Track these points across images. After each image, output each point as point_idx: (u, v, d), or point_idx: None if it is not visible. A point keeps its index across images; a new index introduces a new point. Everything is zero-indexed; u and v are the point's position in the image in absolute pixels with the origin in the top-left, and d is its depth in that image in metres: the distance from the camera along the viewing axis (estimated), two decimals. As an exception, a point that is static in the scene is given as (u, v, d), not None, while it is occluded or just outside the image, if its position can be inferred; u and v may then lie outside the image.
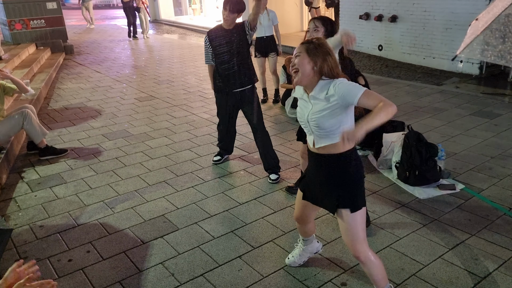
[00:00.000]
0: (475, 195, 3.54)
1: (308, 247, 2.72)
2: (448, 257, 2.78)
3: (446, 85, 7.01)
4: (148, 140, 5.03)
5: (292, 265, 2.75)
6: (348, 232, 2.17)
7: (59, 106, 6.55)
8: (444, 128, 5.07)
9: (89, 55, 10.83)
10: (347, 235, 2.19)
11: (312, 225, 2.62)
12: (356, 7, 9.34)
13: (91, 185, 3.96)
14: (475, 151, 4.38)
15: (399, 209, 3.38)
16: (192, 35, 14.45)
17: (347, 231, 2.18)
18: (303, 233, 2.65)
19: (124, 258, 2.91)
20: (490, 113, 5.52)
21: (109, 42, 13.03)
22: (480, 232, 3.04)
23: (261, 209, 3.46)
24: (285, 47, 10.60)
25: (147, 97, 6.87)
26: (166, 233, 3.18)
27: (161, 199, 3.67)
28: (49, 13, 10.71)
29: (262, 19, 6.12)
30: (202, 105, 6.32)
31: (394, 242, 2.97)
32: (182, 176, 4.10)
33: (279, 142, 4.84)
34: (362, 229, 2.17)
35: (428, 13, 7.98)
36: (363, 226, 2.17)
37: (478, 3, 7.11)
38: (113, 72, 8.78)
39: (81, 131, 5.39)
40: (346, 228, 2.17)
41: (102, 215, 3.46)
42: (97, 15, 21.57)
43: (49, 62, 9.42)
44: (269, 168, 3.97)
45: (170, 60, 10.02)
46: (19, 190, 3.91)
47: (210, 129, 5.32)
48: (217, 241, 3.06)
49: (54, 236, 3.18)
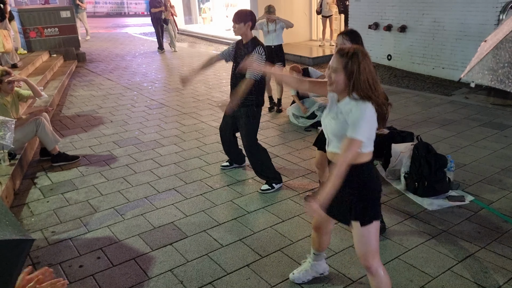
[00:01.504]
0: (485, 207, 3.53)
1: (316, 264, 2.67)
2: (457, 270, 2.77)
3: (455, 96, 6.99)
4: (158, 148, 5.08)
5: (296, 281, 2.70)
6: (360, 243, 2.18)
7: (71, 113, 6.65)
8: (454, 139, 5.06)
9: (100, 63, 11.00)
10: (358, 246, 2.20)
11: (328, 238, 2.58)
12: (365, 17, 9.38)
13: (102, 192, 4.02)
14: (485, 163, 4.36)
15: (407, 220, 3.38)
16: (202, 44, 14.59)
17: (358, 243, 2.19)
18: (317, 245, 2.59)
19: (134, 264, 2.95)
20: (500, 124, 5.49)
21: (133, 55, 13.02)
22: (489, 244, 3.03)
23: (269, 218, 3.48)
24: (294, 56, 10.67)
25: (157, 105, 6.95)
26: (175, 240, 3.21)
27: (170, 207, 3.71)
28: (63, 21, 10.92)
29: (270, 28, 6.18)
30: (211, 113, 6.38)
31: (403, 253, 2.96)
32: (191, 183, 4.14)
33: (287, 151, 4.86)
34: (374, 242, 2.16)
35: (437, 23, 7.99)
36: (375, 239, 2.16)
37: (488, 14, 7.11)
38: (124, 80, 8.90)
39: (93, 138, 5.48)
40: (358, 239, 2.19)
41: (112, 221, 3.50)
42: (109, 23, 21.91)
43: (62, 69, 9.58)
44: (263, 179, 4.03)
45: (180, 68, 10.13)
46: (31, 196, 3.98)
47: (219, 137, 5.31)
48: (226, 249, 3.08)
49: (66, 242, 3.23)
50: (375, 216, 2.15)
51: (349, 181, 2.10)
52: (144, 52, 12.75)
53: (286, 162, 4.56)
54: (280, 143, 5.13)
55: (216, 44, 14.24)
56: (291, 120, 5.88)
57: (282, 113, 6.32)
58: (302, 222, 3.39)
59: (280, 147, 5.00)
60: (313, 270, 2.69)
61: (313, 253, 2.65)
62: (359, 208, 2.14)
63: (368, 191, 2.15)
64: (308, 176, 4.22)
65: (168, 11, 11.97)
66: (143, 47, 13.77)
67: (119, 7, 27.81)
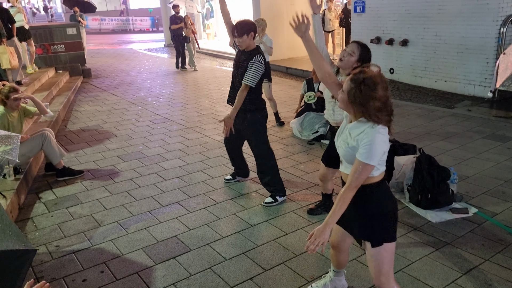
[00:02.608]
0: (489, 219, 3.51)
1: (336, 280, 2.66)
2: (461, 282, 2.75)
3: (458, 108, 7.01)
4: (161, 162, 5.12)
5: None
6: (371, 263, 2.18)
7: (76, 128, 6.72)
8: (456, 151, 5.06)
9: (106, 78, 11.14)
10: (370, 265, 2.20)
11: (346, 255, 2.56)
12: (367, 32, 9.48)
13: (106, 206, 4.04)
14: (488, 175, 4.35)
15: (411, 233, 3.37)
16: (206, 59, 14.75)
17: (370, 262, 2.18)
18: (335, 262, 2.58)
19: (137, 278, 2.95)
20: (503, 136, 5.49)
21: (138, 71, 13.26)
22: (494, 257, 3.01)
23: (272, 231, 3.48)
24: (297, 70, 10.77)
25: (161, 120, 7.01)
26: (178, 254, 3.22)
27: (173, 220, 3.72)
28: (69, 38, 11.12)
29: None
30: (215, 127, 6.42)
31: (406, 266, 2.95)
32: (195, 197, 4.16)
33: (291, 164, 4.88)
34: (387, 263, 2.12)
35: (439, 37, 8.06)
36: (388, 260, 2.13)
37: (488, 28, 7.17)
38: (129, 95, 9.00)
39: (97, 153, 5.52)
40: (369, 259, 2.18)
41: (116, 235, 3.52)
42: (114, 40, 22.23)
43: (68, 85, 9.71)
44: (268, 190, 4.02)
45: (184, 83, 10.24)
46: (36, 210, 4.01)
47: (222, 151, 5.39)
48: (229, 263, 3.08)
49: (69, 256, 3.25)
50: (387, 238, 2.10)
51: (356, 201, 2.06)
52: (151, 68, 12.90)
53: (289, 175, 4.57)
54: (284, 156, 5.15)
55: (220, 59, 14.40)
56: (295, 134, 5.91)
57: (285, 126, 6.36)
58: (306, 235, 3.38)
59: (284, 160, 5.01)
60: (332, 285, 2.67)
61: (333, 270, 2.65)
62: (367, 229, 2.13)
63: (376, 212, 2.11)
64: (311, 189, 4.23)
65: (189, 28, 11.63)
66: (148, 62, 13.94)
67: (124, 24, 28.27)
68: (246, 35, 3.62)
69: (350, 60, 3.00)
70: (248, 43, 3.67)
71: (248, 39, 3.64)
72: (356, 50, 3.00)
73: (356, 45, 3.03)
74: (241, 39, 3.64)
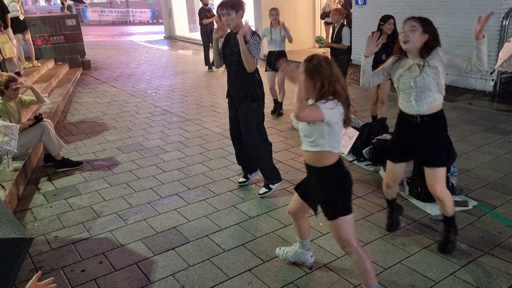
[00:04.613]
0: (488, 212, 3.50)
1: (300, 253, 2.83)
2: (460, 275, 2.75)
3: (459, 102, 6.98)
4: (161, 154, 5.11)
5: (280, 256, 2.91)
6: (331, 231, 2.45)
7: (75, 119, 6.70)
8: (457, 144, 5.04)
9: (105, 70, 11.09)
10: (332, 234, 2.46)
11: (306, 225, 2.75)
12: (369, 24, 9.41)
13: (105, 197, 4.03)
14: (488, 168, 4.34)
15: (410, 225, 3.36)
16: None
17: (331, 230, 2.44)
18: (297, 232, 2.76)
19: (136, 269, 2.95)
20: (504, 130, 5.47)
21: (138, 63, 13.18)
22: (493, 249, 3.00)
23: (271, 223, 3.48)
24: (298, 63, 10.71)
25: (161, 112, 6.99)
26: (177, 245, 3.22)
27: (173, 212, 3.72)
28: (68, 29, 11.05)
29: (274, 34, 6.24)
30: (215, 120, 6.40)
31: (405, 258, 2.95)
32: (194, 189, 4.15)
33: (290, 157, 4.87)
34: (344, 231, 2.34)
35: (440, 30, 7.88)
36: (346, 229, 2.34)
37: (490, 20, 7.04)
38: (129, 87, 8.97)
39: (97, 144, 5.51)
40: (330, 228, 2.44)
41: (115, 226, 3.51)
42: (114, 31, 22.12)
43: (67, 76, 9.67)
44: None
45: (184, 75, 10.20)
46: (35, 201, 4.00)
47: (222, 143, 5.38)
48: (228, 254, 3.08)
49: (68, 247, 3.25)
50: (344, 211, 2.33)
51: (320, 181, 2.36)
52: (150, 59, 12.85)
53: (288, 168, 4.56)
54: (283, 148, 5.13)
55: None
56: (294, 126, 5.89)
57: (285, 119, 6.34)
58: (304, 227, 3.38)
59: (283, 153, 5.00)
60: (297, 256, 2.85)
61: (298, 241, 2.81)
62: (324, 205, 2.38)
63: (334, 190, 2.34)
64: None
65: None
66: (148, 54, 13.88)
67: (125, 16, 28.09)
68: (234, 11, 3.37)
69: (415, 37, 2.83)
70: (236, 22, 3.44)
71: (237, 17, 3.42)
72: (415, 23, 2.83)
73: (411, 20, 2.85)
74: (230, 17, 3.39)
